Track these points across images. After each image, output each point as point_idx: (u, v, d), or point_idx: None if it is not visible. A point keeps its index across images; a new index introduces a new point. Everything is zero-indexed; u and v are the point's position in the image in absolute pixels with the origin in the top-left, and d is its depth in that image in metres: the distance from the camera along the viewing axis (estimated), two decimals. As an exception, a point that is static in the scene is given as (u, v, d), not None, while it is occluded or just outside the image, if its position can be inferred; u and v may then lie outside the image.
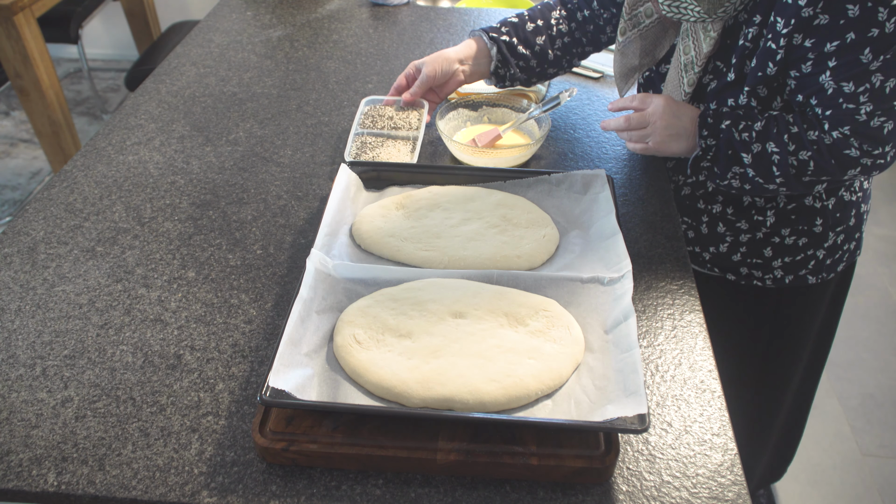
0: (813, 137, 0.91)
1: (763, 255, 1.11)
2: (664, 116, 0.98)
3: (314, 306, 0.85)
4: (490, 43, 1.19)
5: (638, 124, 1.01)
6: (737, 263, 1.14)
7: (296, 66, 1.51)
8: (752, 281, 1.15)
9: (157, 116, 1.33)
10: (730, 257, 1.14)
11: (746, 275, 1.15)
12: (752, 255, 1.12)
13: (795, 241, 1.09)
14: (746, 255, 1.12)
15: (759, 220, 1.08)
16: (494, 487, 0.72)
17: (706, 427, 0.78)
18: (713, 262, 1.16)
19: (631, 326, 0.80)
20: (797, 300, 1.18)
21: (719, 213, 1.11)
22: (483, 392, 0.75)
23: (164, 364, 0.85)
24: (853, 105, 0.88)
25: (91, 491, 0.72)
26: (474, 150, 1.17)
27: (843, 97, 0.88)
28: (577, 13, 1.22)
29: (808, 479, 1.87)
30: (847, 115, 0.89)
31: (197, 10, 3.44)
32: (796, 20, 0.87)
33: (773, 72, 0.92)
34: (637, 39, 1.07)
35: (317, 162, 1.21)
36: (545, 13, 1.22)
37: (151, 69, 1.53)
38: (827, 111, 0.90)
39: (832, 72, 0.88)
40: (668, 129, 0.98)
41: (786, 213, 1.07)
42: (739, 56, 0.96)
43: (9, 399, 0.81)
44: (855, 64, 0.86)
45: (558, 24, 1.21)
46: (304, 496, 0.71)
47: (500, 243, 0.97)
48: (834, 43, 0.86)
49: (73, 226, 1.07)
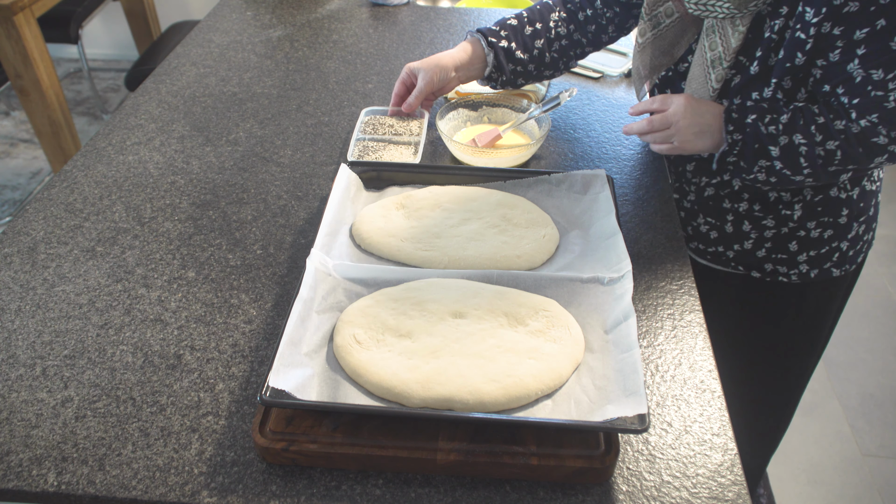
0: (840, 127, 0.91)
1: (788, 250, 1.11)
2: (687, 115, 0.98)
3: (314, 306, 0.85)
4: (487, 49, 1.19)
5: (661, 125, 1.00)
6: (761, 260, 1.14)
7: (296, 66, 1.51)
8: (777, 277, 1.15)
9: (157, 116, 1.33)
10: (754, 254, 1.13)
11: (771, 271, 1.14)
12: (778, 251, 1.12)
13: (821, 233, 1.09)
14: (771, 250, 1.12)
15: (786, 215, 1.08)
16: (494, 487, 0.72)
17: (706, 427, 0.78)
18: (737, 259, 1.16)
19: (631, 326, 0.80)
20: (821, 293, 1.18)
21: (745, 211, 1.10)
22: (483, 392, 0.75)
23: (164, 364, 0.85)
24: (882, 92, 0.88)
25: (91, 491, 0.72)
26: (474, 150, 1.17)
27: (871, 85, 0.88)
28: (579, 13, 1.21)
29: (808, 479, 1.87)
30: (875, 102, 0.89)
31: (197, 10, 3.44)
32: (827, 9, 0.87)
33: (801, 62, 0.92)
34: (656, 40, 1.07)
35: (317, 162, 1.21)
36: (544, 15, 1.21)
37: (151, 69, 1.53)
38: (854, 99, 0.90)
39: (861, 59, 0.88)
40: (691, 127, 0.98)
41: (812, 206, 1.07)
42: (765, 49, 0.95)
43: (9, 399, 0.81)
44: (885, 51, 0.86)
45: (557, 26, 1.21)
46: (304, 496, 0.71)
47: (500, 243, 0.97)
48: (864, 30, 0.86)
49: (73, 226, 1.07)
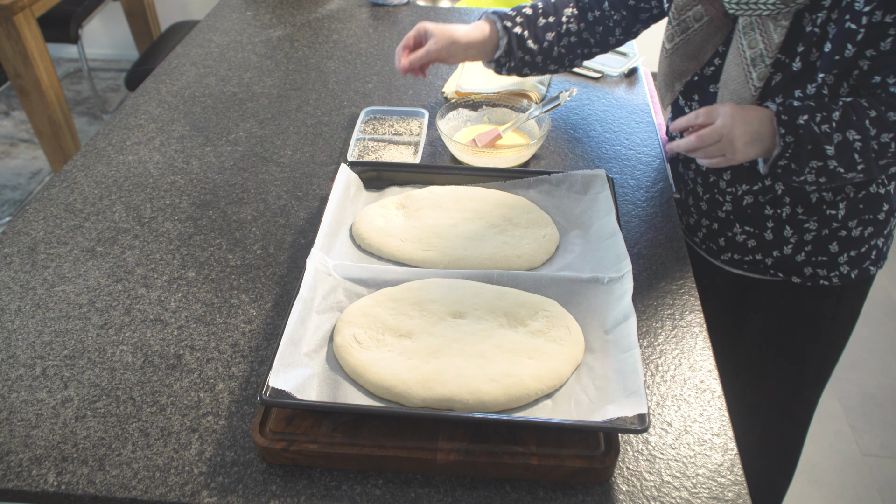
0: (894, 118, 0.88)
1: (829, 252, 1.08)
2: (737, 125, 0.92)
3: (314, 306, 0.85)
4: (502, 33, 1.17)
5: (711, 139, 0.94)
6: (801, 264, 1.10)
7: (296, 66, 1.51)
8: (818, 281, 1.11)
9: (157, 116, 1.33)
10: (794, 258, 1.10)
11: (811, 275, 1.11)
12: (818, 253, 1.08)
13: (861, 231, 1.06)
14: (811, 253, 1.08)
15: (830, 215, 1.04)
16: (494, 487, 0.72)
17: (706, 427, 0.78)
18: (776, 266, 1.12)
19: (631, 326, 0.79)
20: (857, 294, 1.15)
21: (788, 216, 1.06)
22: (483, 392, 0.75)
23: (164, 364, 0.85)
24: None
25: (91, 491, 0.72)
26: (474, 150, 1.17)
27: None
28: (588, 13, 1.21)
29: (808, 479, 1.87)
30: None
31: (197, 10, 3.44)
32: None
33: (850, 54, 0.88)
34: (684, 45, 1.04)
35: (317, 162, 1.20)
36: (558, 9, 1.20)
37: (151, 69, 1.53)
38: None
39: None
40: (744, 136, 0.92)
41: (855, 204, 1.04)
42: (807, 44, 0.92)
43: (9, 399, 0.81)
44: None
45: (568, 21, 1.20)
46: (304, 496, 0.71)
47: (500, 243, 0.97)
48: None
49: (73, 226, 1.07)
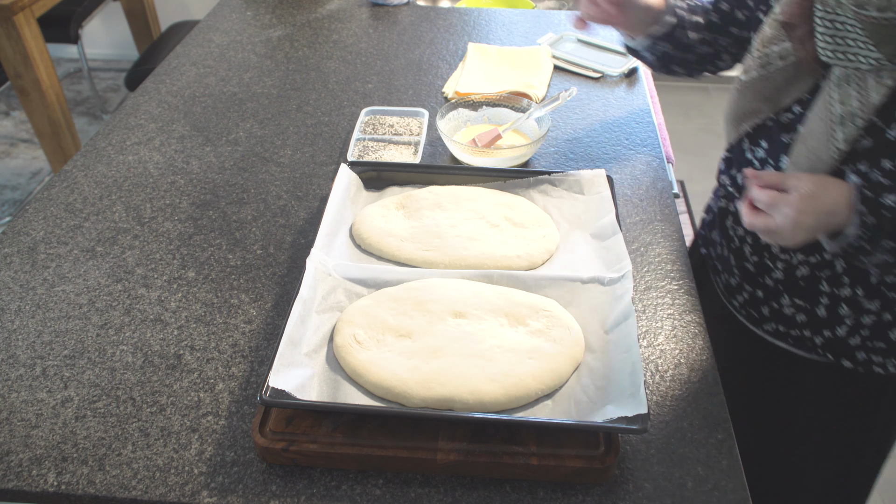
0: None
1: (888, 339, 0.96)
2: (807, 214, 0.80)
3: (314, 306, 0.85)
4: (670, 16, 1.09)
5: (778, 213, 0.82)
6: (854, 348, 0.98)
7: (296, 66, 1.51)
8: (871, 367, 0.99)
9: (157, 116, 1.33)
10: (847, 341, 0.98)
11: (864, 360, 0.99)
12: (876, 338, 0.96)
13: None
14: (868, 338, 0.97)
15: (893, 298, 0.93)
16: (494, 487, 0.72)
17: (706, 427, 0.78)
18: (826, 347, 1.00)
19: (631, 326, 0.80)
20: None
21: (848, 296, 0.95)
22: (483, 392, 0.75)
23: (164, 364, 0.85)
24: None
25: (91, 491, 0.72)
26: (474, 150, 1.17)
27: None
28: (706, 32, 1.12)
29: (808, 479, 1.86)
30: None
31: (197, 10, 3.44)
32: None
33: None
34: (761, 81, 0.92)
35: (317, 162, 1.20)
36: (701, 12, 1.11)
37: (151, 69, 1.53)
38: None
39: None
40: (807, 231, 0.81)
41: None
42: None
43: (9, 399, 0.81)
44: None
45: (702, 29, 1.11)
46: (304, 496, 0.71)
47: (500, 243, 0.97)
48: None
49: (73, 226, 1.07)
